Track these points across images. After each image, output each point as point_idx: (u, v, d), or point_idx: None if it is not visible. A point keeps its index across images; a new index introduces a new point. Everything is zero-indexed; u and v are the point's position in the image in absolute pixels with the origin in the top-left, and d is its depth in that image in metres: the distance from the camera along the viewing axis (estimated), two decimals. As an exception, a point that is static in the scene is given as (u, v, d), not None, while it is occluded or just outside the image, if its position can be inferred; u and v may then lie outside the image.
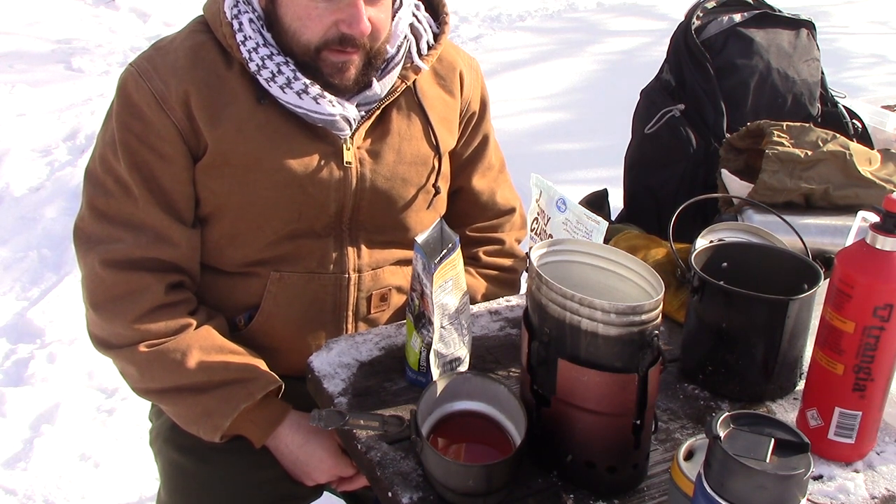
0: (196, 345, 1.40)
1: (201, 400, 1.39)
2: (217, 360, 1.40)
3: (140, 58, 1.45)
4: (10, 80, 5.30)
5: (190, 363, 1.39)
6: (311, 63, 1.39)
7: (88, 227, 1.44)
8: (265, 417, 1.43)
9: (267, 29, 1.41)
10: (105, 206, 1.43)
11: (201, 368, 1.39)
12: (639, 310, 1.04)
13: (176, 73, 1.40)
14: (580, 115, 5.02)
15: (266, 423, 1.43)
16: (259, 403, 1.40)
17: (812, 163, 1.74)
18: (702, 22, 2.09)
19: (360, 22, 1.34)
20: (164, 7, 6.65)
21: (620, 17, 7.22)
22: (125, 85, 1.42)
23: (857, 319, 1.10)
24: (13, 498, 2.33)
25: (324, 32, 1.36)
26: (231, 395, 1.38)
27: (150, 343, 1.40)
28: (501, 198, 1.71)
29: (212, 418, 1.38)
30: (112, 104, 1.45)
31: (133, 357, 1.41)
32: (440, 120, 1.56)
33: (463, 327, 1.29)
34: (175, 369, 1.39)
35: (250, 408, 1.39)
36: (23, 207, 3.81)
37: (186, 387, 1.39)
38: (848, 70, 5.70)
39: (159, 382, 1.41)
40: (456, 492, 1.07)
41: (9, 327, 3.05)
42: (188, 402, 1.40)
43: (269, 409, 1.43)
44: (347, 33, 1.36)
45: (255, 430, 1.43)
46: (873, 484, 1.17)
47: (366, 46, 1.39)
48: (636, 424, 1.09)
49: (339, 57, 1.38)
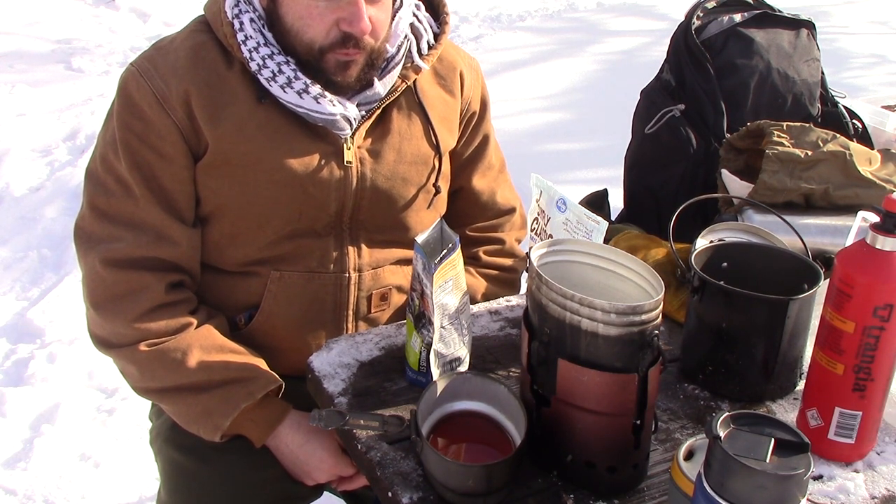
0: (196, 344, 1.40)
1: (201, 399, 1.39)
2: (217, 360, 1.40)
3: (141, 57, 1.45)
4: (10, 80, 5.30)
5: (190, 362, 1.39)
6: (313, 62, 1.39)
7: (89, 227, 1.44)
8: (265, 417, 1.43)
9: (268, 29, 1.41)
10: (106, 206, 1.43)
11: (201, 368, 1.39)
12: (639, 310, 1.04)
13: (176, 73, 1.40)
14: (580, 115, 5.02)
15: (266, 422, 1.43)
16: (259, 403, 1.40)
17: (812, 163, 1.74)
18: (702, 22, 2.09)
19: (360, 20, 1.34)
20: (164, 7, 6.65)
21: (620, 17, 7.22)
22: (126, 85, 1.42)
23: (857, 319, 1.10)
24: (13, 498, 2.33)
25: (326, 32, 1.36)
26: (231, 395, 1.38)
27: (150, 342, 1.40)
28: (501, 198, 1.71)
29: (212, 418, 1.38)
30: (113, 104, 1.45)
31: (133, 356, 1.41)
32: (440, 119, 1.56)
33: (463, 327, 1.29)
34: (175, 368, 1.39)
35: (250, 407, 1.39)
36: (23, 207, 3.81)
37: (186, 386, 1.39)
38: (848, 70, 5.70)
39: (159, 382, 1.41)
40: (456, 492, 1.07)
41: (9, 327, 3.05)
42: (188, 401, 1.40)
43: (270, 408, 1.43)
44: (349, 32, 1.36)
45: (255, 429, 1.43)
46: (873, 484, 1.17)
47: (367, 47, 1.39)
48: (636, 424, 1.09)
49: (343, 57, 1.39)
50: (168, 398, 1.43)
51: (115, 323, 1.42)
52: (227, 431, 1.39)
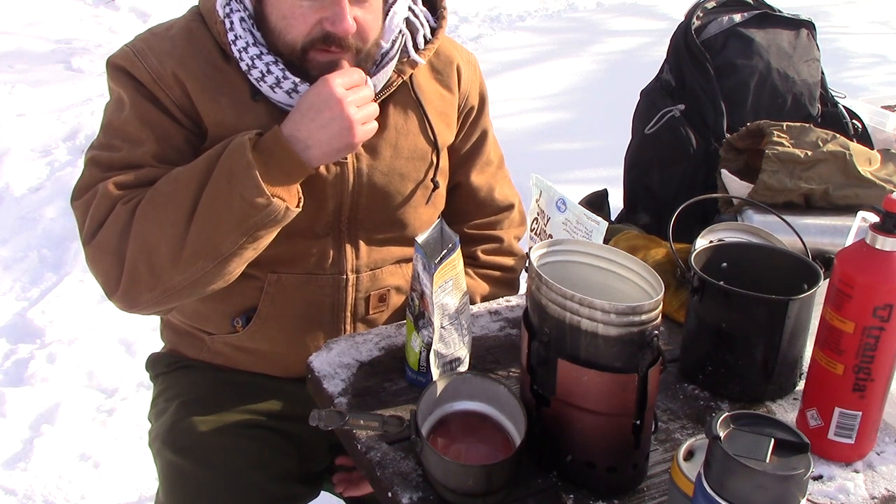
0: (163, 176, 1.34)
1: (214, 192, 1.30)
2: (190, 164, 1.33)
3: (135, 39, 1.44)
4: (10, 80, 5.30)
5: (176, 179, 1.32)
6: (296, 63, 1.38)
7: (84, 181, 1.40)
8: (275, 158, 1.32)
9: (256, 28, 1.40)
10: (109, 160, 1.38)
11: (186, 176, 1.32)
12: (639, 310, 1.04)
13: (172, 57, 1.39)
14: (580, 115, 5.02)
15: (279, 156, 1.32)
16: (259, 150, 1.31)
17: (812, 163, 1.74)
18: (702, 22, 2.10)
19: (343, 20, 1.33)
20: (164, 7, 6.64)
21: (620, 17, 7.22)
22: (120, 63, 1.41)
23: (857, 319, 1.10)
24: (13, 498, 2.33)
25: (308, 31, 1.35)
26: (232, 161, 1.29)
27: (125, 199, 1.34)
28: (500, 194, 1.71)
29: (244, 189, 1.28)
30: (110, 88, 1.44)
31: (124, 219, 1.33)
32: (437, 114, 1.55)
33: (463, 327, 1.29)
34: (169, 196, 1.32)
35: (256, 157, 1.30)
36: (23, 207, 3.81)
37: (191, 199, 1.31)
38: (848, 70, 5.69)
39: (170, 217, 1.31)
40: (456, 492, 1.07)
41: (9, 327, 3.06)
42: (209, 207, 1.30)
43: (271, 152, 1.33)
44: (331, 32, 1.34)
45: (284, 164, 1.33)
46: (873, 484, 1.17)
47: (353, 48, 1.37)
48: (636, 424, 1.09)
49: (326, 56, 1.36)
50: (195, 222, 1.31)
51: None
52: (271, 186, 1.29)
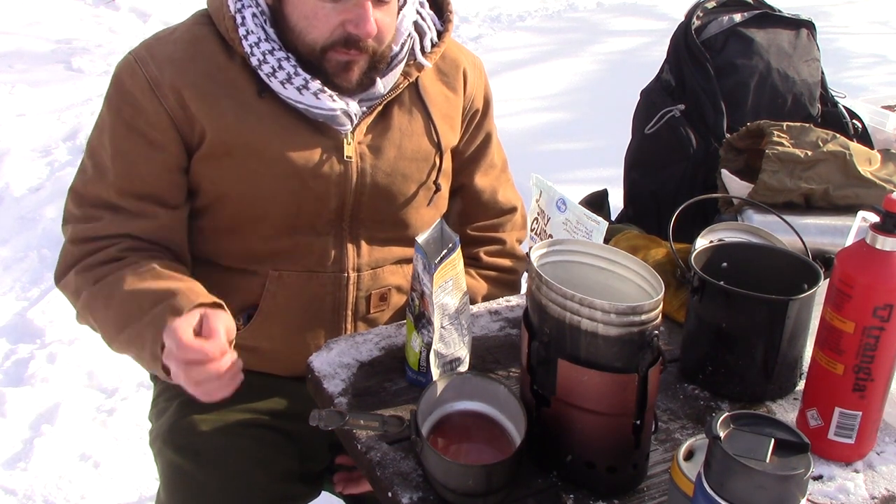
0: (129, 271, 1.35)
1: (133, 331, 1.31)
2: (146, 287, 1.33)
3: (140, 45, 1.46)
4: (10, 80, 5.30)
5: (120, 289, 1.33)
6: (314, 62, 1.39)
7: (67, 207, 1.47)
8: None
9: (270, 25, 1.41)
10: (82, 188, 1.45)
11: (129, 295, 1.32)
12: (639, 310, 1.04)
13: (172, 63, 1.41)
14: (580, 115, 5.02)
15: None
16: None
17: (812, 163, 1.74)
18: (702, 22, 2.10)
19: (367, 22, 1.34)
20: (164, 7, 6.65)
21: (620, 17, 7.22)
22: (120, 72, 1.43)
23: (857, 319, 1.10)
24: (13, 498, 2.33)
25: (330, 33, 1.36)
26: (157, 318, 1.27)
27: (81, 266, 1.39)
28: (503, 197, 1.71)
29: (146, 347, 1.29)
30: (107, 92, 1.46)
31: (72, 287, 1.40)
32: (442, 117, 1.56)
33: (463, 327, 1.29)
34: (107, 295, 1.35)
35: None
36: (23, 207, 3.81)
37: (115, 319, 1.34)
38: (848, 70, 5.69)
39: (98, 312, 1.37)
40: (456, 492, 1.07)
41: (9, 327, 3.06)
42: (123, 336, 1.33)
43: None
44: (354, 34, 1.36)
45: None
46: (873, 484, 1.16)
47: (370, 49, 1.39)
48: (636, 424, 1.09)
49: (344, 57, 1.38)
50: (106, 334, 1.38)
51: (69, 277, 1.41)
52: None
